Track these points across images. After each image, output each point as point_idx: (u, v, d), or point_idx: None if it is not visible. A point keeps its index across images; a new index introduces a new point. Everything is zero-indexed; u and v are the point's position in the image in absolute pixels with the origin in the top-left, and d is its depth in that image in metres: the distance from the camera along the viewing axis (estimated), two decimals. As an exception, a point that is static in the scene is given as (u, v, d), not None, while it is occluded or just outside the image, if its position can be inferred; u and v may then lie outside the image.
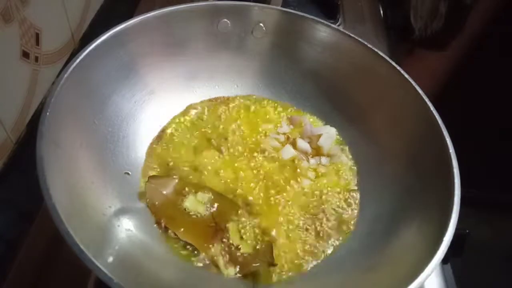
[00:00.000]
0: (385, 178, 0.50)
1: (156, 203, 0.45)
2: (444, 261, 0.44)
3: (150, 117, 0.53)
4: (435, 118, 0.46)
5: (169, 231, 0.44)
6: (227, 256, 0.43)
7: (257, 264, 0.42)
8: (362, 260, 0.43)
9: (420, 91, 0.48)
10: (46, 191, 0.33)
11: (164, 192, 0.46)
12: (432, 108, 0.47)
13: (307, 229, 0.47)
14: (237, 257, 0.43)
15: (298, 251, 0.45)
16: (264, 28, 0.57)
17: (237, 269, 0.42)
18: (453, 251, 0.37)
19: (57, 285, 0.46)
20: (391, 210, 0.46)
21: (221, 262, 0.42)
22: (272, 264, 0.42)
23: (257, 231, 0.45)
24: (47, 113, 0.38)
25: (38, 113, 0.51)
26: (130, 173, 0.47)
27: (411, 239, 0.42)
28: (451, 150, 0.43)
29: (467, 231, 0.49)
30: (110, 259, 0.36)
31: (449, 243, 0.37)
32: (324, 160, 0.53)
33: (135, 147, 0.50)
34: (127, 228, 0.42)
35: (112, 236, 0.40)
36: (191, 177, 0.49)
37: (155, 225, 0.44)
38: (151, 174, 0.48)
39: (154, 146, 0.52)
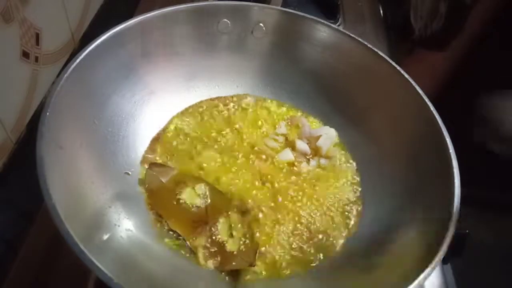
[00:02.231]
0: (385, 178, 0.50)
1: (154, 190, 0.46)
2: (444, 261, 0.44)
3: (150, 117, 0.53)
4: (435, 118, 0.46)
5: (158, 218, 0.45)
6: (210, 249, 0.43)
7: (237, 263, 0.42)
8: (362, 260, 0.43)
9: (420, 91, 0.48)
10: (46, 191, 0.33)
11: (163, 180, 0.47)
12: (432, 108, 0.47)
13: (302, 231, 0.46)
14: (220, 253, 0.43)
15: (290, 253, 0.45)
16: (264, 28, 0.57)
17: (217, 264, 0.42)
18: (453, 251, 0.38)
19: (57, 285, 0.46)
20: (391, 210, 0.46)
21: (201, 254, 0.42)
22: (252, 265, 0.42)
23: (247, 230, 0.45)
24: (47, 113, 0.38)
25: (38, 113, 0.50)
26: (130, 173, 0.48)
27: (411, 239, 0.42)
28: (451, 150, 0.43)
29: (467, 231, 0.49)
30: (110, 258, 0.36)
31: (449, 243, 0.37)
32: (323, 161, 0.53)
33: (135, 147, 0.50)
34: (127, 228, 0.42)
35: (112, 236, 0.40)
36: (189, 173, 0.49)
37: (151, 214, 0.45)
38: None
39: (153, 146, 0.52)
